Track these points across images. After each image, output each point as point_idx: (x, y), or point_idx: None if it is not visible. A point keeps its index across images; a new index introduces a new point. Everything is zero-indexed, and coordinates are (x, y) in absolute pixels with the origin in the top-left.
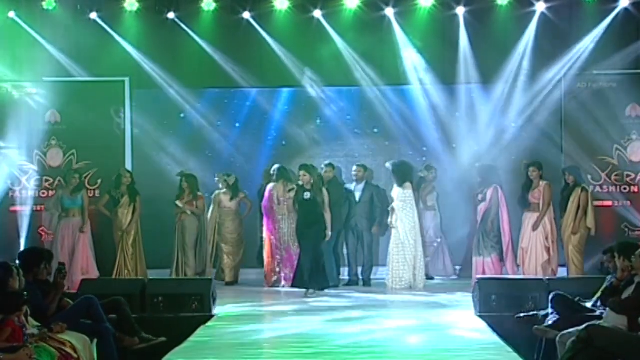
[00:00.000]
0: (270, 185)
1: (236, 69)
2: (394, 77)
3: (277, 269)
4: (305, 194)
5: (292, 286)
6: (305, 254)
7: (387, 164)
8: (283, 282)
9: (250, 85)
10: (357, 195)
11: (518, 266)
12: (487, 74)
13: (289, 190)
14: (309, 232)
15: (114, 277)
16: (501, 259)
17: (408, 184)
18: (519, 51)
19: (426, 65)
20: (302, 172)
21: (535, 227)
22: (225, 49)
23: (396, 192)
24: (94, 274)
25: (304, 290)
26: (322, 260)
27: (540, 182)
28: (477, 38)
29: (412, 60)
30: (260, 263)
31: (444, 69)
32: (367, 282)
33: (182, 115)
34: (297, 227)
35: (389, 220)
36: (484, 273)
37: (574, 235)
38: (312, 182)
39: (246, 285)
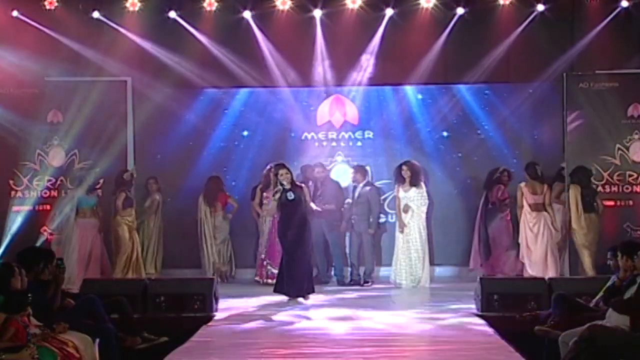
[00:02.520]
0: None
1: (238, 68)
2: (397, 77)
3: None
4: (289, 194)
5: (275, 291)
6: (288, 258)
7: (403, 165)
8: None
9: (252, 85)
10: (355, 195)
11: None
12: (488, 74)
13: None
14: (294, 234)
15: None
16: None
17: (422, 183)
18: (519, 51)
19: (429, 64)
20: (283, 171)
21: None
22: (227, 48)
23: (412, 192)
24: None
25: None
26: (309, 263)
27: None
28: (478, 38)
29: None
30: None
31: (443, 68)
32: (367, 282)
33: (183, 114)
34: (279, 228)
35: (399, 218)
36: None
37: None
38: (292, 181)
39: (247, 284)
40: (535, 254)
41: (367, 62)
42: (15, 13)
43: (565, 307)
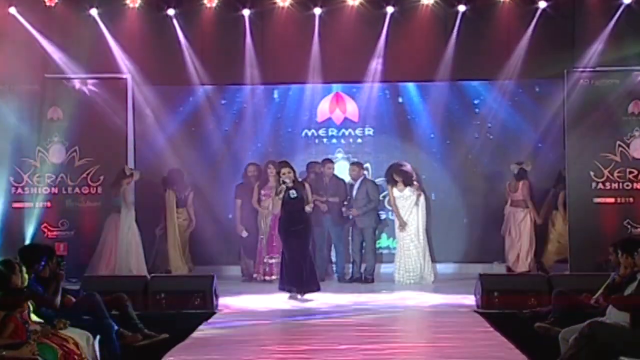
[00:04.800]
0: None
1: (238, 65)
2: (397, 74)
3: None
4: (292, 192)
5: (280, 289)
6: (291, 254)
7: (393, 172)
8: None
9: (252, 82)
10: (354, 193)
11: None
12: (489, 71)
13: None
14: (296, 231)
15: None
16: None
17: (415, 182)
18: (521, 48)
19: (429, 61)
20: (286, 170)
21: None
22: (227, 46)
23: (407, 191)
24: None
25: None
26: (310, 261)
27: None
28: (479, 35)
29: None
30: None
31: (444, 65)
32: (367, 279)
33: (180, 109)
34: (280, 225)
35: (398, 217)
36: None
37: None
38: (294, 179)
39: (246, 281)
40: (514, 245)
41: (370, 59)
42: (13, 10)
43: (565, 304)
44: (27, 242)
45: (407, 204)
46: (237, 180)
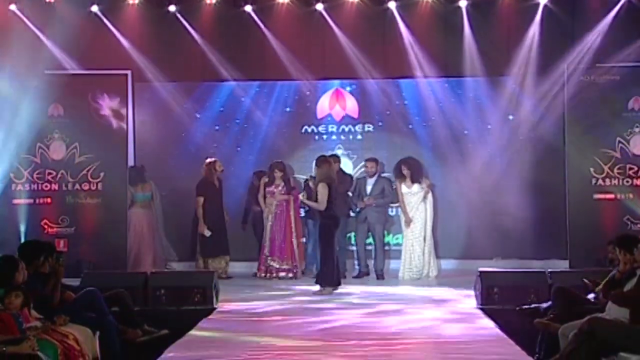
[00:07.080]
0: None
1: (238, 63)
2: (397, 70)
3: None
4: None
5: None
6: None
7: (402, 165)
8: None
9: (251, 78)
10: (369, 188)
11: None
12: (488, 67)
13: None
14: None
15: None
16: None
17: (424, 179)
18: (522, 44)
19: (429, 58)
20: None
21: None
22: (227, 42)
23: (415, 187)
24: None
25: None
26: (325, 256)
27: None
28: (480, 31)
29: (414, 53)
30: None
31: (445, 62)
32: (380, 276)
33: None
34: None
35: (405, 213)
36: None
37: None
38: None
39: (246, 279)
40: None
41: (370, 55)
42: (13, 7)
43: (565, 300)
44: (27, 238)
45: (415, 200)
46: (237, 177)
